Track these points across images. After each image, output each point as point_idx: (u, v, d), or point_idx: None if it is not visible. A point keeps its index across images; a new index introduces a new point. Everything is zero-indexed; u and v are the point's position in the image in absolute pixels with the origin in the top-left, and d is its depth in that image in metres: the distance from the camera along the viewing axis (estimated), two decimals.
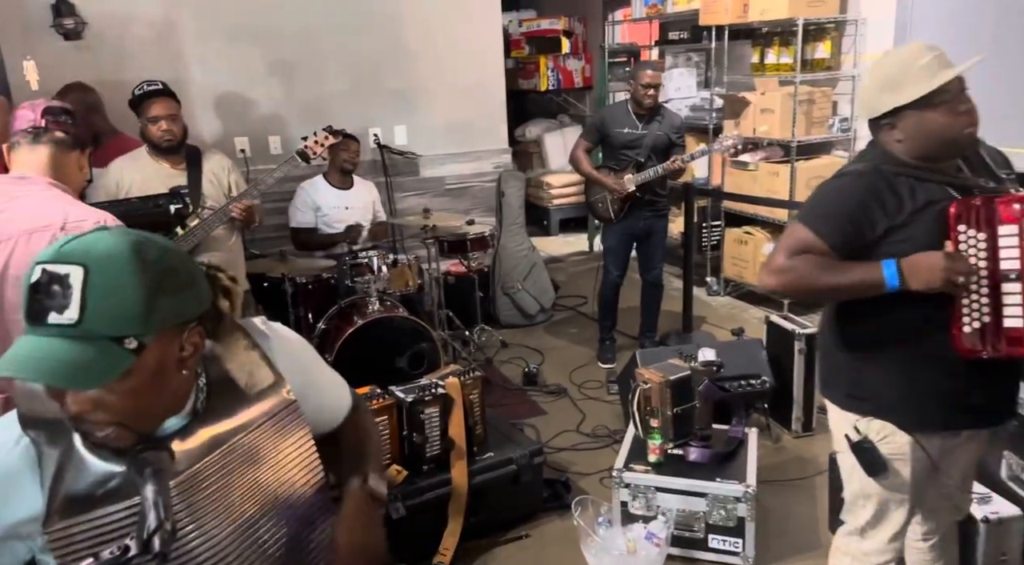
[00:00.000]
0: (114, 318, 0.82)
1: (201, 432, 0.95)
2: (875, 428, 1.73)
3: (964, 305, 1.55)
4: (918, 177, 1.61)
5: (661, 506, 2.61)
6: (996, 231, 1.53)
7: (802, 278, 1.60)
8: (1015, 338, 1.51)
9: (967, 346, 1.56)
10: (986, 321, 1.54)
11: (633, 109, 3.89)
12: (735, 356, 3.34)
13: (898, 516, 1.78)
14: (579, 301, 5.20)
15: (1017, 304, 1.51)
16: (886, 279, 1.53)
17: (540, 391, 3.95)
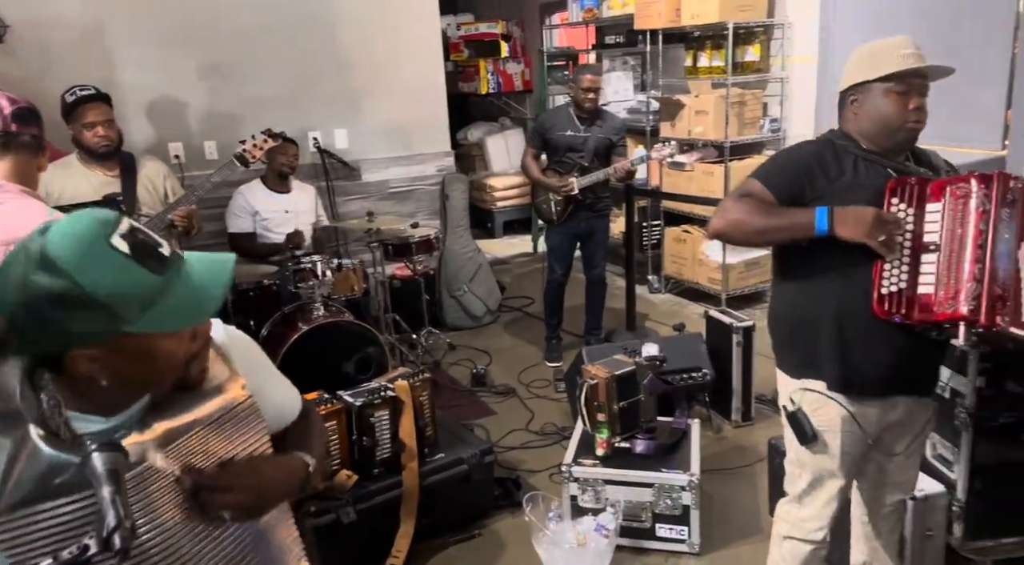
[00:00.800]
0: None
1: (156, 426, 0.95)
2: (808, 400, 1.84)
3: (885, 270, 1.66)
4: (865, 158, 1.77)
5: (610, 498, 2.67)
6: (924, 208, 1.66)
7: (743, 219, 1.73)
8: (926, 305, 1.63)
9: (882, 308, 1.67)
10: (903, 286, 1.65)
11: (575, 112, 3.97)
12: (677, 350, 3.44)
13: (831, 485, 1.89)
14: (525, 302, 5.26)
15: (931, 273, 1.63)
16: (816, 222, 1.65)
17: (489, 392, 3.99)
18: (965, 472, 2.28)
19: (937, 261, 1.64)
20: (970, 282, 1.59)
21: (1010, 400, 2.23)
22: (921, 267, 1.66)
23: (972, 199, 1.60)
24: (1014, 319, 1.60)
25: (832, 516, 1.93)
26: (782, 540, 2.00)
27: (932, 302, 1.63)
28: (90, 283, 0.86)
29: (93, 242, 0.88)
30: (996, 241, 1.59)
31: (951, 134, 3.50)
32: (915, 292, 1.65)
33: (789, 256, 1.86)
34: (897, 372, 1.80)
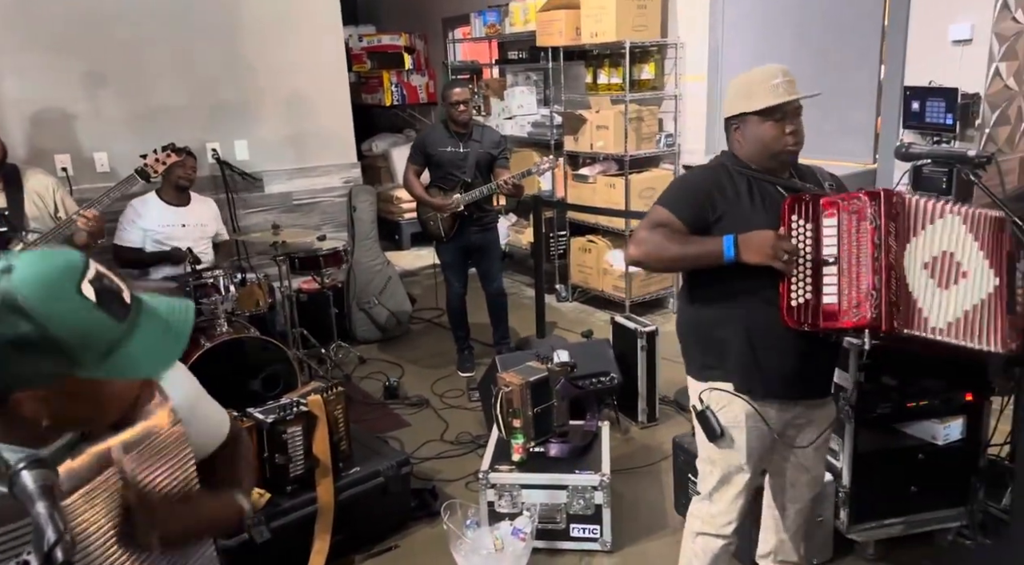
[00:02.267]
0: None
1: (89, 451, 0.93)
2: (715, 398, 1.97)
3: (791, 283, 1.81)
4: (755, 178, 1.93)
5: (526, 502, 2.73)
6: (820, 223, 1.82)
7: (657, 247, 1.86)
8: (830, 314, 1.78)
9: (792, 319, 1.81)
10: (808, 298, 1.80)
11: (451, 128, 4.03)
12: (586, 356, 3.56)
13: (739, 480, 2.02)
14: (435, 313, 5.27)
15: (833, 285, 1.79)
16: (724, 250, 1.80)
17: (402, 403, 3.97)
18: (849, 461, 2.48)
19: (837, 273, 1.80)
20: (871, 292, 1.75)
21: (886, 393, 2.45)
22: (823, 279, 1.81)
23: (866, 215, 1.77)
24: (907, 321, 1.78)
25: (741, 511, 2.06)
26: (695, 536, 2.11)
27: (837, 311, 1.79)
28: (56, 329, 0.84)
29: (63, 288, 0.86)
30: (889, 252, 1.76)
31: (831, 148, 3.82)
32: (820, 302, 1.80)
33: (699, 275, 1.99)
34: (798, 376, 1.95)
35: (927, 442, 2.49)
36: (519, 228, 6.09)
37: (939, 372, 2.45)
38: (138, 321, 0.92)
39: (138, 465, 0.99)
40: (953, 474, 2.47)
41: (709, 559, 2.08)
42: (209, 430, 1.22)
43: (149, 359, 0.92)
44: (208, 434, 1.21)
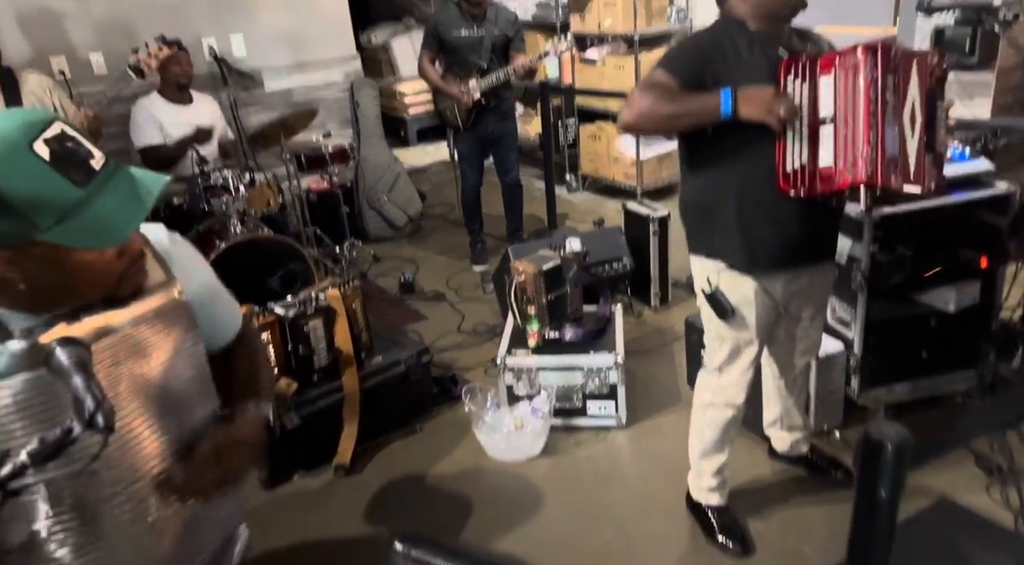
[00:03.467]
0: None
1: (87, 321, 0.95)
2: (725, 278, 1.98)
3: (787, 147, 1.76)
4: (756, 40, 1.84)
5: (543, 384, 2.82)
6: (817, 82, 1.74)
7: (651, 107, 1.78)
8: (827, 176, 1.74)
9: (788, 184, 1.78)
10: (804, 162, 1.75)
11: (465, 8, 3.86)
12: (598, 244, 3.57)
13: (748, 353, 2.06)
14: (446, 209, 5.25)
15: (829, 146, 1.73)
16: (722, 104, 1.72)
17: (418, 298, 4.03)
18: (860, 331, 2.51)
19: (834, 133, 1.74)
20: (866, 148, 1.70)
21: (900, 262, 2.44)
22: (819, 141, 1.76)
23: (860, 70, 1.69)
24: (905, 177, 1.73)
25: (749, 382, 2.11)
26: (705, 408, 2.18)
27: (833, 173, 1.74)
28: (5, 186, 0.84)
29: (14, 144, 0.85)
30: (885, 106, 1.70)
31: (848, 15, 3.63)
32: (816, 165, 1.75)
33: (694, 146, 1.94)
34: (799, 244, 1.94)
35: (939, 309, 2.51)
36: (526, 118, 5.94)
37: (954, 238, 2.44)
38: (103, 189, 0.90)
39: (149, 338, 1.02)
40: (964, 339, 2.50)
41: (720, 429, 2.16)
42: (223, 321, 1.23)
43: (108, 229, 0.90)
44: (222, 324, 1.23)
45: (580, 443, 2.77)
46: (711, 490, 2.23)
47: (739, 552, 2.15)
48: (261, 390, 1.23)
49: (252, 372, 1.25)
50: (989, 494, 2.26)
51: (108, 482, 0.98)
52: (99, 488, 0.97)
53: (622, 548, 2.25)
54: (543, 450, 2.72)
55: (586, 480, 2.58)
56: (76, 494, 0.95)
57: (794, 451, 2.45)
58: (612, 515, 2.39)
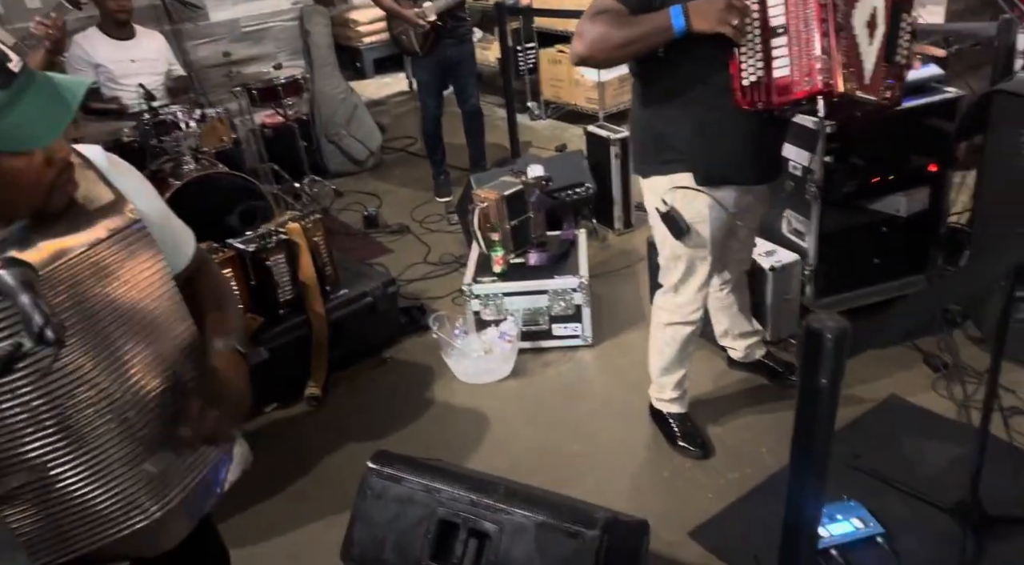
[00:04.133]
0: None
1: (42, 245, 0.95)
2: (679, 196, 2.00)
3: (741, 60, 1.75)
4: None
5: (509, 309, 2.86)
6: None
7: (602, 35, 1.75)
8: (783, 87, 1.74)
9: (746, 100, 1.78)
10: (760, 74, 1.75)
11: None
12: (561, 169, 3.55)
13: (703, 270, 2.11)
14: (408, 141, 5.17)
15: (784, 55, 1.73)
16: (673, 21, 1.71)
17: (383, 232, 4.02)
18: (815, 240, 2.57)
19: (788, 43, 1.73)
20: (820, 56, 1.70)
21: (852, 171, 2.49)
22: (773, 52, 1.75)
23: None
24: (859, 83, 1.75)
25: (704, 297, 2.17)
26: (664, 327, 2.24)
27: (790, 83, 1.74)
28: None
29: None
30: (836, 11, 1.69)
31: None
32: (772, 78, 1.75)
33: (647, 67, 1.91)
34: (753, 160, 1.96)
35: (891, 215, 2.57)
36: (484, 44, 5.80)
37: (905, 145, 2.48)
38: (25, 92, 0.90)
39: (110, 260, 1.02)
40: (914, 244, 2.57)
41: (679, 345, 2.22)
42: (177, 244, 1.22)
43: (32, 131, 0.90)
44: (176, 247, 1.22)
45: (548, 363, 2.83)
46: (672, 400, 2.31)
47: (699, 455, 2.25)
48: (230, 321, 1.23)
49: (218, 302, 1.25)
50: (935, 390, 2.38)
51: (93, 401, 1.00)
52: (82, 409, 0.99)
53: (590, 456, 2.34)
54: (512, 372, 2.78)
55: (554, 397, 2.65)
56: (59, 417, 0.97)
57: (750, 357, 2.54)
58: (580, 427, 2.47)
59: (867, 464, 2.09)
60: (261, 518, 2.24)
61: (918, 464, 2.08)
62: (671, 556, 1.92)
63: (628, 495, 2.15)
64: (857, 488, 2.00)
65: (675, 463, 2.26)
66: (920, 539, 1.85)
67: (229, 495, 2.25)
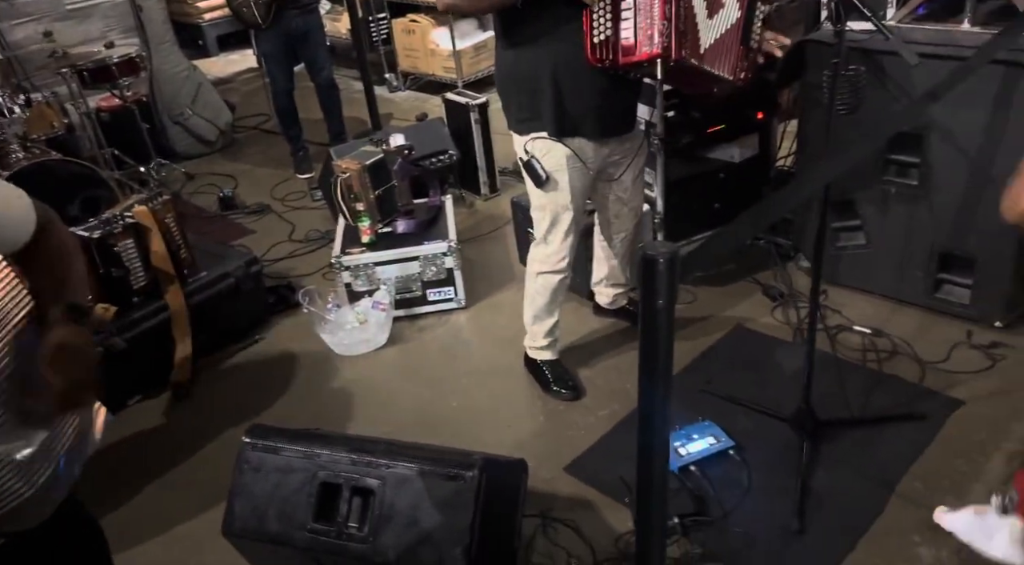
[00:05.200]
0: None
1: None
2: (538, 147, 2.09)
3: (594, 21, 1.86)
4: None
5: (381, 278, 2.86)
6: None
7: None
8: (627, 48, 1.87)
9: (595, 57, 1.89)
10: (609, 34, 1.87)
11: None
12: (422, 137, 3.56)
13: (566, 219, 2.21)
14: (261, 119, 4.98)
15: (630, 19, 1.85)
16: None
17: (241, 213, 3.87)
18: (662, 189, 2.74)
19: (634, 7, 1.85)
20: (662, 22, 1.82)
21: (691, 123, 2.68)
22: (621, 14, 1.86)
23: None
24: (694, 51, 1.90)
25: (572, 247, 2.28)
26: (535, 276, 2.34)
27: (633, 45, 1.87)
28: None
29: None
30: None
31: None
32: (618, 39, 1.87)
33: (509, 22, 1.99)
34: (604, 114, 2.08)
35: (726, 162, 2.79)
36: (335, 16, 5.65)
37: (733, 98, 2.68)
38: None
39: None
40: (749, 187, 2.81)
41: (550, 293, 2.33)
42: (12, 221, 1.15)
43: None
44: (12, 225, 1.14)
45: (424, 328, 2.87)
46: (544, 348, 2.43)
47: (571, 397, 2.38)
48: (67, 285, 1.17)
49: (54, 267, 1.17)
50: (774, 316, 2.63)
51: None
52: None
53: (469, 411, 2.42)
54: (389, 340, 2.80)
55: (432, 359, 2.70)
56: None
57: (615, 305, 2.69)
58: (458, 385, 2.54)
59: (719, 387, 2.30)
60: (140, 511, 2.16)
61: (762, 383, 2.31)
62: (549, 491, 2.04)
63: (508, 442, 2.24)
64: (711, 409, 2.20)
65: (550, 407, 2.38)
66: (766, 448, 2.06)
67: (105, 491, 2.17)
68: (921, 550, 1.76)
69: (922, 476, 1.93)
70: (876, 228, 2.52)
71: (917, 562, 1.74)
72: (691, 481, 1.98)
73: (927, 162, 2.31)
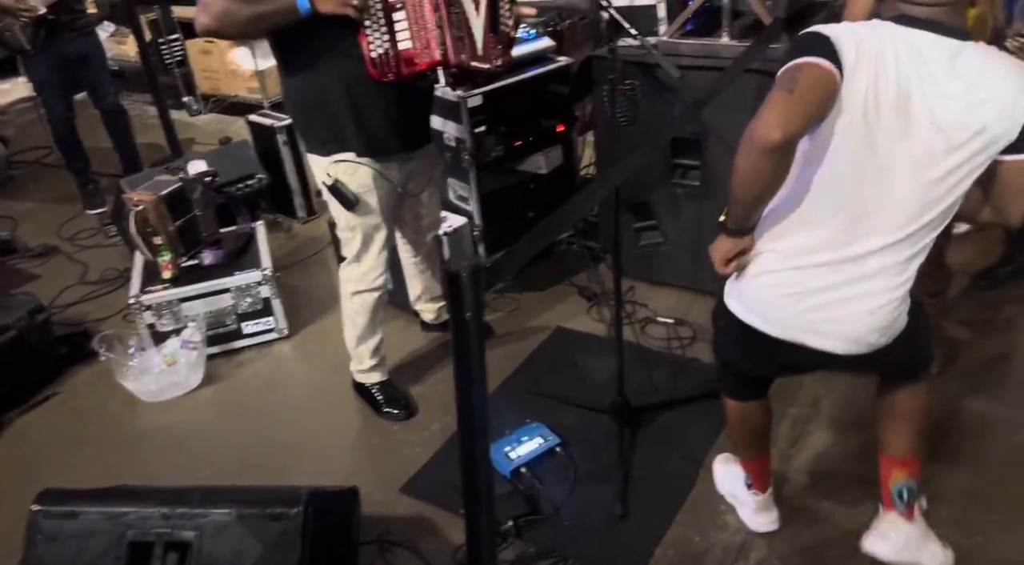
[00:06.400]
0: None
1: None
2: (342, 169, 2.05)
3: (368, 36, 1.84)
4: None
5: (189, 315, 2.68)
6: None
7: (226, 11, 1.77)
8: (408, 59, 1.88)
9: (377, 71, 1.87)
10: (387, 47, 1.86)
11: None
12: (227, 162, 3.39)
13: (379, 238, 2.19)
14: (41, 152, 4.49)
15: (405, 29, 1.86)
16: (298, 2, 1.76)
17: (23, 257, 3.47)
18: (477, 203, 2.82)
19: (407, 17, 1.86)
20: (435, 30, 1.86)
21: (497, 138, 2.76)
22: (395, 27, 1.87)
23: None
24: (473, 54, 1.94)
25: (385, 263, 2.26)
26: (351, 297, 2.29)
27: (413, 55, 1.88)
28: None
29: None
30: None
31: None
32: (398, 50, 1.87)
33: (288, 45, 1.94)
34: (406, 128, 2.08)
35: (535, 173, 2.92)
36: (119, 38, 5.24)
37: (535, 111, 2.81)
38: None
39: None
40: (557, 196, 2.95)
41: (369, 312, 2.30)
42: None
43: None
44: None
45: (243, 363, 2.73)
46: (371, 369, 2.39)
47: (404, 416, 2.36)
48: None
49: None
50: (590, 315, 2.78)
51: None
52: None
53: (300, 444, 2.32)
54: (204, 380, 2.62)
55: (253, 395, 2.57)
56: None
57: (440, 319, 2.72)
58: (286, 419, 2.43)
59: (544, 388, 2.39)
60: None
61: (582, 379, 2.43)
62: (386, 514, 2.01)
63: (342, 471, 2.18)
64: (539, 410, 2.27)
65: (383, 429, 2.34)
66: (589, 441, 2.17)
67: None
68: (728, 518, 1.93)
69: (727, 447, 2.12)
70: (671, 226, 2.74)
71: (725, 528, 1.91)
72: (523, 483, 2.03)
73: (706, 164, 2.55)
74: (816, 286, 1.44)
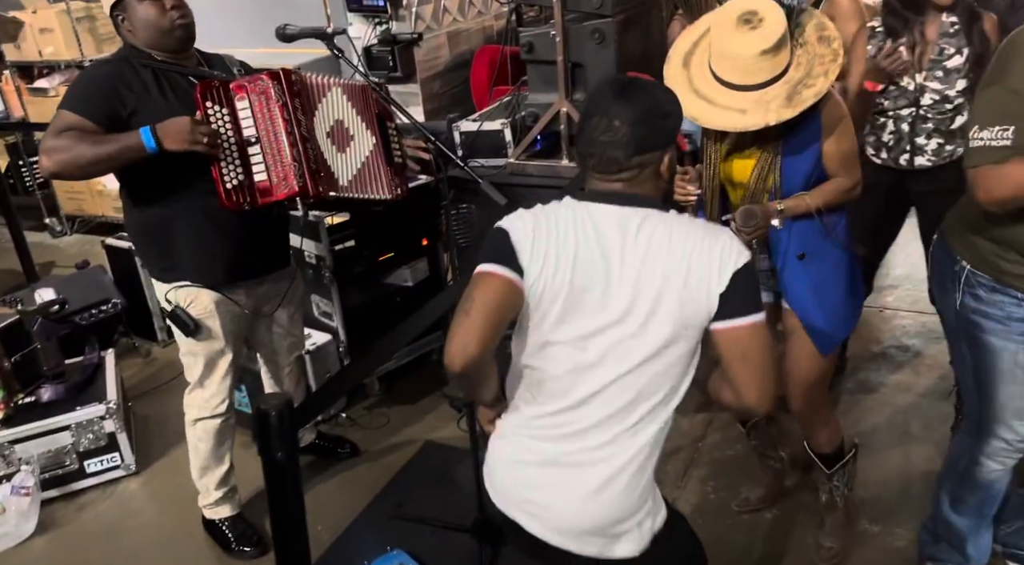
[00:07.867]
0: None
1: None
2: (182, 295, 2.00)
3: (222, 168, 1.85)
4: (161, 69, 1.90)
5: (23, 457, 2.46)
6: (235, 106, 1.87)
7: (71, 153, 1.76)
8: (264, 190, 1.89)
9: (231, 202, 1.87)
10: (241, 179, 1.87)
11: None
12: (80, 288, 3.25)
13: (223, 363, 2.12)
14: None
15: (260, 163, 1.88)
16: (144, 141, 1.76)
17: None
18: (341, 318, 2.79)
19: (262, 151, 1.89)
20: (293, 163, 1.89)
21: (359, 254, 2.77)
22: (250, 159, 1.89)
23: (271, 94, 1.88)
24: (330, 184, 1.98)
25: (230, 388, 2.18)
26: (194, 424, 2.19)
27: (270, 187, 1.90)
28: None
29: None
30: (299, 125, 1.90)
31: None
32: (253, 181, 1.89)
33: (132, 178, 1.93)
34: (253, 253, 2.06)
35: (401, 285, 2.93)
36: None
37: (400, 227, 2.86)
38: None
39: None
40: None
41: (213, 439, 2.19)
42: None
43: None
44: None
45: (84, 506, 2.50)
46: (219, 502, 2.25)
47: (256, 555, 2.21)
48: None
49: None
50: (460, 427, 2.74)
51: None
52: None
53: None
54: (37, 529, 2.38)
55: (93, 542, 2.35)
56: None
57: (304, 442, 2.60)
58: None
59: (410, 509, 2.30)
60: None
61: (447, 497, 2.36)
62: None
63: None
64: (402, 534, 2.18)
65: None
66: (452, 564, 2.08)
67: None
68: None
69: None
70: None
71: None
72: None
73: None
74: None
